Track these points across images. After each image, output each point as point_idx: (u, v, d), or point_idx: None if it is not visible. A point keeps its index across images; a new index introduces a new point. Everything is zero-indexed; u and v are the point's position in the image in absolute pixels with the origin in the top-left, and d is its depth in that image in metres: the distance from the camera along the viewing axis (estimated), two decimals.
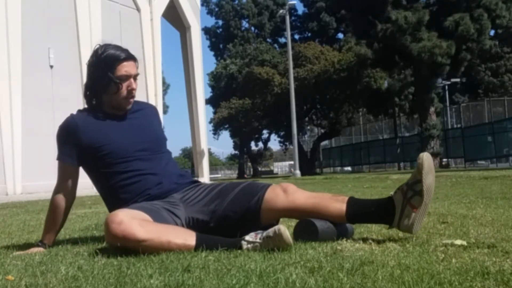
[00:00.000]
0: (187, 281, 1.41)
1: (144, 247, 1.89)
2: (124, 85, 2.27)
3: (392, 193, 2.05)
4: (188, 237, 1.95)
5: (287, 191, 2.12)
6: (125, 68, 2.27)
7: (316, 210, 2.07)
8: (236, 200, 2.15)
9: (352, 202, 2.08)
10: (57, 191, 2.32)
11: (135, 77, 2.31)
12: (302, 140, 41.58)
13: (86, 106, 2.41)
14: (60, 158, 2.32)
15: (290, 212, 2.13)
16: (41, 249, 2.22)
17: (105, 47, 2.30)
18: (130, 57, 2.30)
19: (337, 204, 2.07)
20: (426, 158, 1.99)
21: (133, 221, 1.93)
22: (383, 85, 28.93)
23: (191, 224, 2.15)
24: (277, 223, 2.18)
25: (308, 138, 48.33)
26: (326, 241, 2.00)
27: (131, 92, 2.30)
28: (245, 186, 2.22)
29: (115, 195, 2.26)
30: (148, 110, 2.52)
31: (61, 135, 2.32)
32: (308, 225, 2.04)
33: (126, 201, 2.20)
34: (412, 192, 1.99)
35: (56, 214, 2.31)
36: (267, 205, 2.10)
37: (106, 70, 2.25)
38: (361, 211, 2.08)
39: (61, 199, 2.31)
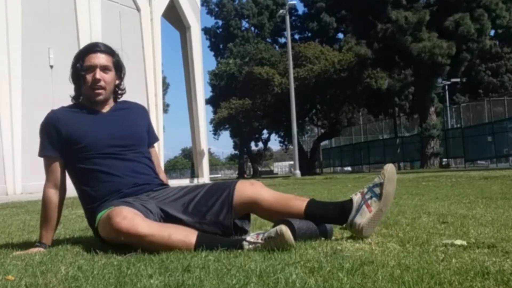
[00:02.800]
0: (187, 281, 1.41)
1: (146, 242, 1.91)
2: (89, 75, 2.32)
3: (353, 195, 2.12)
4: (189, 234, 1.96)
5: (254, 184, 2.24)
6: (93, 59, 2.33)
7: (278, 204, 2.16)
8: (208, 194, 2.22)
9: (312, 201, 2.18)
10: (46, 186, 2.35)
11: (103, 68, 2.34)
12: (302, 140, 41.56)
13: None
14: (43, 153, 2.36)
15: (256, 205, 2.18)
16: (41, 249, 2.22)
17: (90, 43, 2.42)
18: (103, 51, 2.36)
19: (298, 202, 2.16)
20: (391, 168, 2.12)
21: (136, 216, 1.97)
22: (383, 85, 28.91)
23: (163, 218, 2.18)
24: (248, 220, 2.29)
25: (308, 138, 48.32)
26: (306, 240, 2.00)
27: (95, 82, 2.33)
28: (214, 183, 2.32)
29: (88, 192, 2.30)
30: (135, 109, 2.55)
31: (43, 129, 2.37)
32: (286, 225, 2.04)
33: (99, 198, 2.25)
34: (372, 193, 2.06)
35: (49, 210, 2.32)
36: (237, 194, 2.17)
37: (78, 61, 2.34)
38: (319, 208, 2.15)
39: (52, 194, 2.33)
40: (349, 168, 36.10)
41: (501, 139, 21.76)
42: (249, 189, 2.19)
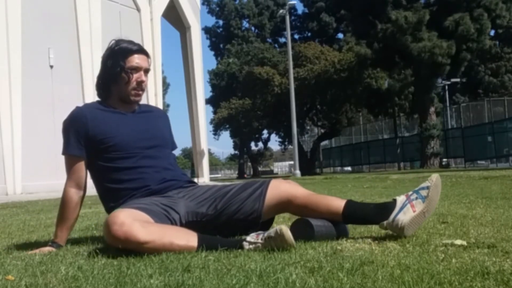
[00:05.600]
0: (187, 281, 1.41)
1: (146, 249, 1.88)
2: (135, 76, 2.30)
3: (397, 196, 2.11)
4: (190, 238, 1.94)
5: (290, 182, 2.26)
6: (137, 60, 2.31)
7: (315, 202, 2.14)
8: (241, 190, 2.22)
9: (351, 201, 2.16)
10: (68, 185, 2.29)
11: (146, 71, 2.35)
12: (302, 140, 41.58)
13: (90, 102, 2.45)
14: (67, 151, 2.29)
15: (291, 201, 2.16)
16: (53, 249, 2.18)
17: (118, 41, 2.36)
18: (142, 51, 2.36)
19: (337, 200, 2.14)
20: (438, 177, 2.10)
21: (134, 223, 1.91)
22: (383, 85, 28.91)
23: (191, 219, 2.16)
24: (271, 222, 2.32)
25: (308, 138, 48.33)
26: (323, 240, 2.00)
27: (140, 84, 2.32)
28: (247, 181, 2.31)
29: (115, 190, 2.25)
30: (158, 113, 2.55)
31: (69, 126, 2.29)
32: (304, 225, 2.05)
33: (125, 195, 2.21)
34: (417, 195, 2.06)
35: (69, 209, 2.26)
36: (271, 191, 2.18)
37: (118, 60, 2.29)
38: (360, 209, 2.14)
39: (73, 193, 2.28)
40: (349, 168, 36.10)
41: (501, 139, 21.77)
42: (284, 185, 2.21)
